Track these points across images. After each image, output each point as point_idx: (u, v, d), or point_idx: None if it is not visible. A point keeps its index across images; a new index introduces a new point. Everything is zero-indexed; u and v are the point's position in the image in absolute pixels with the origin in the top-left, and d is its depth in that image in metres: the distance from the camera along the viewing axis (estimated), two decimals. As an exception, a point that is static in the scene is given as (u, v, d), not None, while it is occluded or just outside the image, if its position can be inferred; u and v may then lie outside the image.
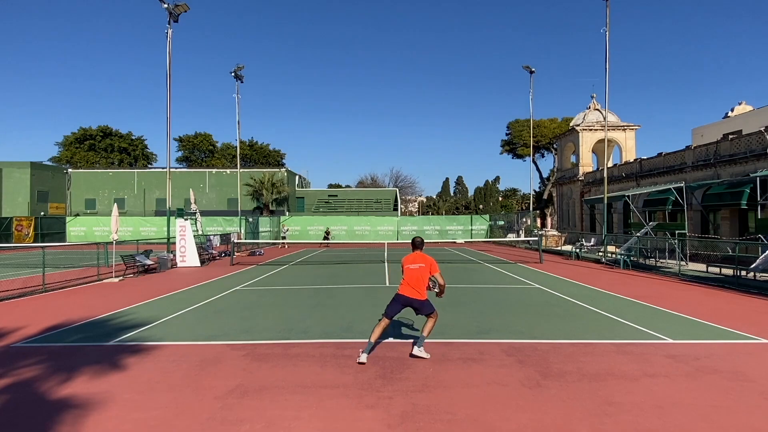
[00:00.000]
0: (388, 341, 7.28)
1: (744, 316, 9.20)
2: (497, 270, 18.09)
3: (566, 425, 4.30)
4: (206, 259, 22.21)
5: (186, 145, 68.64)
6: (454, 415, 4.50)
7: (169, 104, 20.76)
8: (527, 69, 34.00)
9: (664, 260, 18.66)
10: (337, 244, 35.92)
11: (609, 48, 22.85)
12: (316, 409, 4.64)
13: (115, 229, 17.18)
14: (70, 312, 9.77)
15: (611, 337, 7.58)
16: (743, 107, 36.54)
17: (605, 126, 27.71)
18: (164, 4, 20.01)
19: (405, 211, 76.21)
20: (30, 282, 13.30)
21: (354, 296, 11.87)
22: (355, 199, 57.94)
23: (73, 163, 58.46)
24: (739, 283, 13.24)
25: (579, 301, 10.90)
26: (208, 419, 4.47)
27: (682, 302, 10.76)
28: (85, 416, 4.55)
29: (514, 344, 7.12)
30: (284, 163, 69.28)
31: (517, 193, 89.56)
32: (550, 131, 55.93)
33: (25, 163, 46.26)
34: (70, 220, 41.17)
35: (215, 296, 11.98)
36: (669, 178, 26.25)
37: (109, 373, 5.85)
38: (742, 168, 21.42)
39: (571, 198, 41.72)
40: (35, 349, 7.12)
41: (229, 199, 50.21)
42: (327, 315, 9.49)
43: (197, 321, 9.09)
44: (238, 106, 32.12)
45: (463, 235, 39.53)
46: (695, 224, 24.06)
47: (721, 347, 6.99)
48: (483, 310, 9.90)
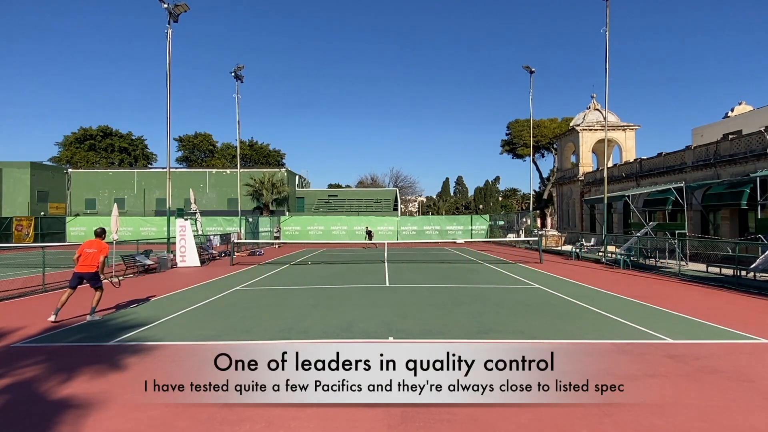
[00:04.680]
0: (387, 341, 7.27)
1: (744, 316, 9.20)
2: (497, 270, 18.09)
3: (566, 425, 4.31)
4: (206, 259, 22.21)
5: (186, 145, 68.63)
6: (455, 415, 4.50)
7: (169, 104, 20.76)
8: (527, 69, 33.98)
9: (664, 260, 18.66)
10: (337, 244, 35.91)
11: (609, 48, 22.88)
12: (316, 409, 4.64)
13: (115, 229, 17.17)
14: (70, 312, 9.76)
15: (611, 337, 7.58)
16: (743, 107, 36.53)
17: (605, 126, 27.71)
18: (164, 4, 19.99)
19: (405, 211, 76.21)
20: (30, 282, 13.29)
21: (354, 296, 11.87)
22: (355, 199, 57.96)
23: (73, 163, 58.45)
24: (739, 283, 13.24)
25: (579, 301, 10.90)
26: (208, 419, 4.47)
27: (682, 302, 10.77)
28: (85, 416, 4.56)
29: (513, 344, 7.12)
30: (284, 163, 69.30)
31: (517, 193, 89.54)
32: (550, 131, 55.93)
33: (25, 163, 46.24)
34: (70, 220, 41.17)
35: (215, 296, 11.98)
36: (669, 178, 26.25)
37: (109, 373, 5.86)
38: (742, 168, 21.42)
39: (571, 198, 41.72)
40: (35, 349, 7.12)
41: (229, 199, 50.19)
42: (327, 315, 9.49)
43: (197, 321, 9.09)
44: (238, 106, 32.14)
45: (463, 235, 39.52)
46: (695, 224, 24.06)
47: (721, 347, 6.99)
48: (483, 310, 9.90)
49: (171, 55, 20.60)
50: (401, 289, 13.11)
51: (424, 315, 9.41)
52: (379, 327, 8.29)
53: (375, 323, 8.63)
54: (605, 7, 22.55)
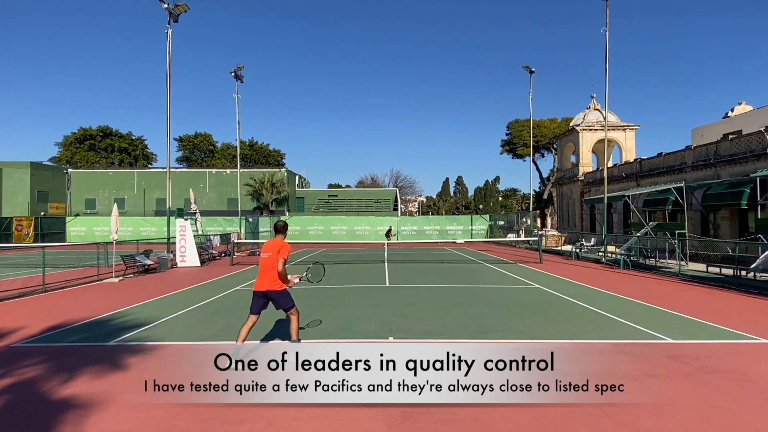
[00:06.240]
0: (387, 341, 7.27)
1: (744, 316, 9.20)
2: (497, 270, 18.08)
3: (566, 425, 4.31)
4: (206, 259, 22.21)
5: (186, 145, 68.61)
6: (454, 415, 4.50)
7: (169, 104, 20.77)
8: (527, 69, 34.00)
9: (664, 260, 18.65)
10: (337, 244, 35.91)
11: (609, 48, 22.88)
12: (316, 409, 4.64)
13: (115, 229, 17.18)
14: (71, 312, 9.77)
15: (611, 337, 7.58)
16: (743, 107, 36.52)
17: (605, 126, 27.71)
18: (164, 4, 20.00)
19: (405, 211, 76.21)
20: (30, 282, 13.29)
21: (354, 296, 11.87)
22: (355, 199, 57.96)
23: (73, 163, 58.44)
24: (739, 283, 13.24)
25: (579, 301, 10.90)
26: (208, 419, 4.47)
27: (682, 302, 10.76)
28: (85, 416, 4.56)
29: (513, 344, 7.12)
30: (284, 163, 69.32)
31: (517, 193, 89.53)
32: (550, 131, 55.91)
33: (25, 163, 46.24)
34: (70, 220, 41.17)
35: (215, 296, 11.98)
36: (669, 178, 26.25)
37: (109, 373, 5.86)
38: (742, 168, 21.41)
39: (571, 198, 41.71)
40: (36, 349, 7.12)
41: (229, 199, 50.19)
42: (326, 315, 9.48)
43: (197, 321, 9.09)
44: (238, 106, 32.15)
45: (463, 235, 39.52)
46: (695, 224, 24.06)
47: (721, 347, 6.99)
48: (483, 310, 9.90)
49: (171, 55, 20.62)
50: (401, 289, 13.11)
51: (424, 315, 9.41)
52: (379, 327, 8.29)
53: (375, 323, 8.63)
54: (605, 7, 22.58)
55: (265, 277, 6.15)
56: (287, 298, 6.24)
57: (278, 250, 6.12)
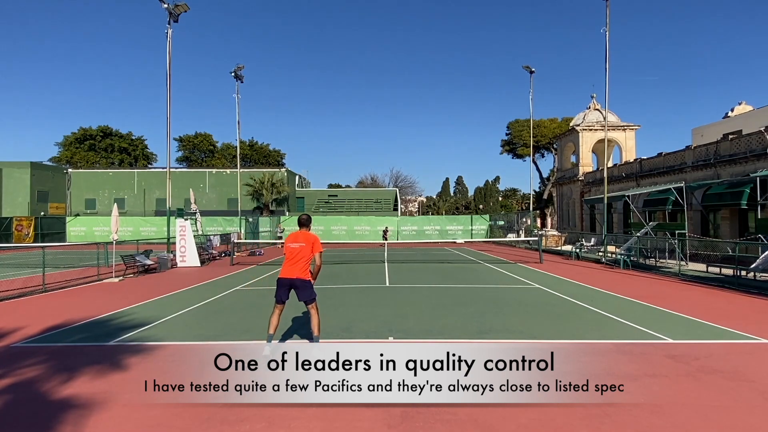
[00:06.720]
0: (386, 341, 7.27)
1: (744, 316, 9.20)
2: (497, 270, 18.09)
3: (566, 425, 4.31)
4: (206, 259, 22.21)
5: (186, 145, 68.60)
6: (455, 415, 4.50)
7: (169, 104, 20.77)
8: (527, 69, 34.01)
9: (664, 260, 18.66)
10: (337, 244, 35.90)
11: (609, 48, 22.88)
12: (316, 409, 4.64)
13: (115, 229, 17.18)
14: (71, 312, 9.77)
15: (611, 337, 7.58)
16: (743, 107, 36.53)
17: (605, 126, 27.71)
18: (164, 4, 20.00)
19: (405, 211, 76.21)
20: (30, 282, 13.30)
21: (354, 296, 11.87)
22: (355, 199, 57.93)
23: (73, 163, 58.43)
24: (739, 283, 13.24)
25: (579, 301, 10.90)
26: (208, 419, 4.47)
27: (682, 302, 10.76)
28: (85, 416, 4.56)
29: (513, 344, 7.12)
30: (284, 163, 69.28)
31: (517, 193, 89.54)
32: (550, 131, 55.92)
33: (25, 163, 46.23)
34: (70, 220, 41.16)
35: (215, 296, 11.98)
36: (669, 178, 26.25)
37: (109, 373, 5.86)
38: (742, 168, 21.41)
39: (571, 198, 41.71)
40: (36, 349, 7.12)
41: (229, 199, 50.17)
42: (326, 315, 9.46)
43: (197, 321, 9.09)
44: (238, 106, 32.16)
45: (463, 235, 39.52)
46: (695, 224, 24.06)
47: (721, 347, 7.00)
48: (483, 310, 9.90)
49: (171, 55, 20.62)
50: (401, 289, 13.12)
51: (424, 315, 9.41)
52: (379, 327, 8.29)
53: (375, 323, 8.63)
54: (605, 7, 22.58)
55: (295, 266, 6.32)
56: (311, 289, 6.41)
57: (312, 242, 6.33)
